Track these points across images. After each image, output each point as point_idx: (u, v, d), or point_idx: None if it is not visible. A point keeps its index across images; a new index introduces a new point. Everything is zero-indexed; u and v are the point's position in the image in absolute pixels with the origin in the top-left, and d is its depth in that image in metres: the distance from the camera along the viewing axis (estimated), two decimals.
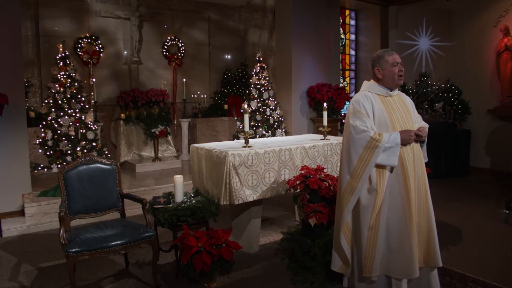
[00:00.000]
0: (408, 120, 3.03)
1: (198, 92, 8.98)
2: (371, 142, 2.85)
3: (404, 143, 2.89)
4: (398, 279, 2.97)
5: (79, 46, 7.72)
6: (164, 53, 8.74)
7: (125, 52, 8.32)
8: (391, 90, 3.07)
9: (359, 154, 2.89)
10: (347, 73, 10.13)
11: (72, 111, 5.71)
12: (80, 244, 3.19)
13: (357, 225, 3.03)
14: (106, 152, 6.18)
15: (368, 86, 3.11)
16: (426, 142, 3.13)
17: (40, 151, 5.82)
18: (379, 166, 2.91)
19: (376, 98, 3.02)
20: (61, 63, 5.79)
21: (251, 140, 4.59)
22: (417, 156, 2.99)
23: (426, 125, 3.13)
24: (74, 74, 5.84)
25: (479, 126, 8.20)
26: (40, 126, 5.83)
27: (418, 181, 2.97)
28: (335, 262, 3.25)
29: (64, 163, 5.08)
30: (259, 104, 7.25)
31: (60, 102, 5.69)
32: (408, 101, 3.17)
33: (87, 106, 5.99)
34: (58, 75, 5.77)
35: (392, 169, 2.93)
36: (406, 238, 2.88)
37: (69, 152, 5.64)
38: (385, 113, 2.97)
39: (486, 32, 8.08)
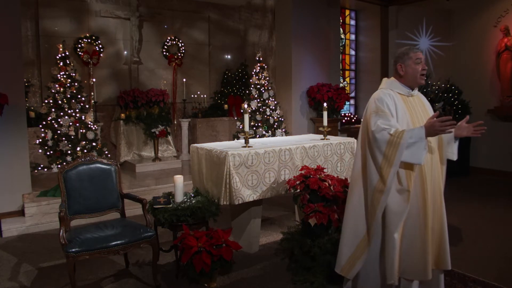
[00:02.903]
0: None
1: (198, 92, 8.98)
2: (392, 140, 2.75)
3: (430, 134, 2.72)
4: (409, 280, 2.93)
5: (79, 46, 7.72)
6: (164, 53, 8.74)
7: (125, 52, 8.32)
8: (412, 90, 3.01)
9: (383, 153, 2.80)
10: (347, 73, 10.13)
11: (72, 111, 5.71)
12: (80, 244, 3.19)
13: (384, 233, 2.92)
14: (106, 152, 6.19)
15: (389, 84, 3.03)
16: (458, 140, 3.05)
17: (40, 151, 5.82)
18: (407, 166, 2.81)
19: (398, 97, 2.95)
20: (61, 63, 5.79)
21: (251, 140, 4.59)
22: (434, 158, 2.93)
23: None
24: (74, 74, 5.85)
25: None
26: (40, 126, 5.83)
27: (434, 183, 2.93)
28: (338, 263, 3.16)
29: (64, 163, 5.07)
30: (259, 104, 7.25)
31: (60, 102, 5.69)
32: (426, 102, 3.11)
33: (87, 106, 5.99)
34: (58, 75, 5.77)
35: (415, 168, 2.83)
36: (421, 240, 2.84)
37: (69, 152, 5.64)
38: (407, 113, 2.91)
39: (486, 32, 8.08)
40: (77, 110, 5.75)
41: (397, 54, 3.04)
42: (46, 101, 5.89)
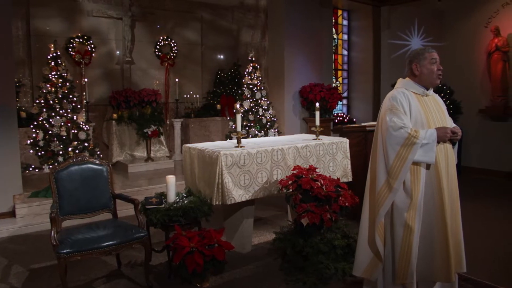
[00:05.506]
0: (443, 121, 2.97)
1: (191, 92, 8.96)
2: (408, 139, 2.78)
3: (440, 140, 2.84)
4: (429, 282, 2.94)
5: (71, 46, 7.68)
6: (157, 53, 8.72)
7: (118, 52, 8.29)
8: (427, 89, 3.01)
9: (397, 151, 2.81)
10: (339, 73, 10.16)
11: (63, 111, 5.67)
12: (72, 245, 3.17)
13: (391, 228, 2.93)
14: (98, 152, 6.14)
15: (404, 83, 3.04)
16: (457, 143, 3.07)
17: (31, 151, 5.77)
18: (415, 164, 2.84)
19: (413, 97, 2.95)
20: (53, 63, 5.74)
21: (243, 140, 4.59)
22: (450, 158, 2.94)
23: (458, 127, 3.04)
24: (65, 74, 5.80)
25: (471, 126, 8.25)
26: (31, 126, 5.77)
27: (450, 182, 2.93)
28: (358, 266, 3.09)
29: (56, 164, 5.05)
30: (251, 104, 7.25)
31: (51, 102, 5.64)
32: (441, 102, 3.11)
33: (78, 106, 5.95)
34: (50, 75, 5.72)
35: (428, 166, 2.86)
36: (440, 240, 2.85)
37: (60, 152, 5.60)
38: (421, 112, 2.91)
39: (477, 33, 8.15)
40: (69, 110, 5.71)
41: (411, 54, 3.04)
42: (37, 101, 5.83)
